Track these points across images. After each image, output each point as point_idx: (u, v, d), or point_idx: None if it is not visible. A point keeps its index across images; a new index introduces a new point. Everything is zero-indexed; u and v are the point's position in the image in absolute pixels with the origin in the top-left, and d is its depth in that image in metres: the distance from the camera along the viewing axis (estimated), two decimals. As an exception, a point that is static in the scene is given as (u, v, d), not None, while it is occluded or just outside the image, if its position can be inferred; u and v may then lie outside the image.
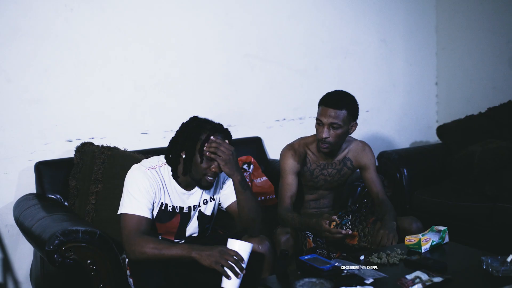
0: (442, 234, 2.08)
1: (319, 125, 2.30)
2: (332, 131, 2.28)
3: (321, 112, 2.29)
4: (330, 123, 2.26)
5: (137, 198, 1.91)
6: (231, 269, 1.73)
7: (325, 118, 2.26)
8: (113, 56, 2.78)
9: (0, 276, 2.58)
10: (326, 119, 2.26)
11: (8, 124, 2.54)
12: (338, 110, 2.25)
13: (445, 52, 3.99)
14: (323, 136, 2.28)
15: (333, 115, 2.25)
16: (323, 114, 2.27)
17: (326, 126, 2.27)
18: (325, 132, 2.27)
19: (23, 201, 2.40)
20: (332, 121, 2.25)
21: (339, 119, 2.26)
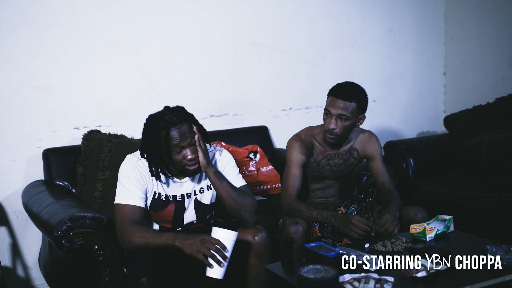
0: (447, 223, 2.08)
1: (327, 115, 2.29)
2: (339, 123, 2.26)
3: (330, 103, 2.27)
4: (339, 115, 2.25)
5: (128, 188, 1.93)
6: (213, 257, 1.75)
7: (334, 109, 2.25)
8: (120, 45, 2.79)
9: (10, 261, 2.62)
10: (334, 110, 2.25)
11: (17, 111, 2.57)
12: (348, 101, 2.24)
13: (454, 42, 3.96)
14: (330, 127, 2.27)
15: (342, 106, 2.24)
16: (332, 104, 2.26)
17: (334, 117, 2.25)
18: (333, 123, 2.26)
19: (32, 188, 2.43)
20: (340, 112, 2.24)
21: (347, 111, 2.25)
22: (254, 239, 1.97)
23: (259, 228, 2.02)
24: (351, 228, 2.11)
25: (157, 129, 1.90)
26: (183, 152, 1.93)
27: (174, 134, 1.90)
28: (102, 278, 1.94)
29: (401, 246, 1.93)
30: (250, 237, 1.97)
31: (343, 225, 2.16)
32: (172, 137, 1.89)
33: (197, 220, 2.10)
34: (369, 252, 1.87)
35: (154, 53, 2.89)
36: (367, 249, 1.93)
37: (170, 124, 1.90)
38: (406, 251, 1.90)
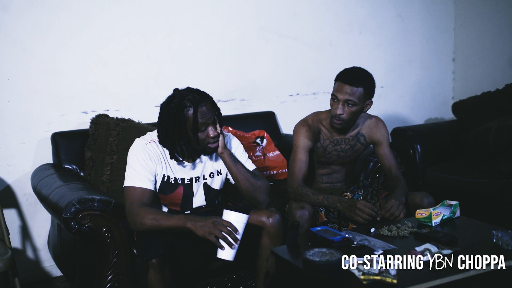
0: (453, 209, 2.09)
1: (334, 100, 2.28)
2: (346, 108, 2.26)
3: (337, 88, 2.26)
4: (346, 100, 2.24)
5: (137, 171, 1.95)
6: (224, 239, 1.77)
7: (341, 94, 2.24)
8: (128, 29, 2.79)
9: (20, 243, 2.66)
10: (341, 96, 2.24)
11: (25, 95, 2.58)
12: (355, 87, 2.23)
13: (463, 28, 3.92)
14: (337, 113, 2.26)
15: (349, 91, 2.23)
16: (339, 90, 2.25)
17: (341, 102, 2.25)
18: (340, 109, 2.25)
19: (41, 171, 2.45)
20: (347, 97, 2.23)
21: (355, 96, 2.24)
22: (268, 220, 1.99)
23: (273, 210, 2.04)
24: (357, 212, 2.12)
25: (182, 107, 1.91)
26: (207, 130, 1.95)
27: (202, 111, 1.92)
28: (110, 260, 1.97)
29: (407, 230, 1.93)
30: (264, 218, 1.99)
31: (348, 210, 2.16)
32: (201, 115, 1.91)
33: (206, 204, 2.12)
34: (374, 237, 1.88)
35: (161, 37, 2.89)
36: (372, 233, 1.94)
37: (197, 102, 1.91)
38: (412, 236, 1.91)
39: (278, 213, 2.04)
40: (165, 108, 1.96)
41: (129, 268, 1.99)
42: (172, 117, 1.92)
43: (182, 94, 1.95)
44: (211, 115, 1.95)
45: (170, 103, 1.95)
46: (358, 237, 1.81)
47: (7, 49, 2.52)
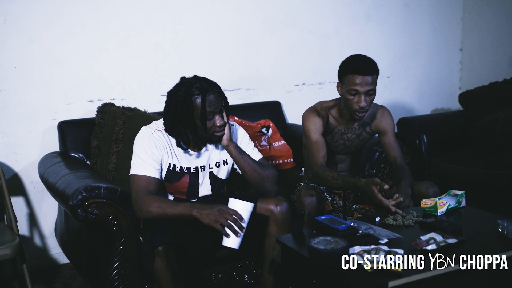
0: (459, 198, 2.08)
1: (353, 95, 2.22)
2: (368, 98, 2.23)
3: (355, 81, 2.20)
4: (367, 91, 2.22)
5: (143, 159, 1.96)
6: (230, 227, 1.78)
7: (362, 86, 2.20)
8: (134, 18, 2.79)
9: (27, 231, 2.69)
10: (363, 88, 2.20)
11: (32, 84, 2.59)
12: (371, 75, 2.21)
13: (472, 17, 3.88)
14: (362, 105, 2.22)
15: (370, 81, 2.20)
16: (359, 83, 2.20)
17: (364, 94, 2.22)
18: (363, 101, 2.21)
19: (48, 159, 2.47)
20: (369, 88, 2.21)
21: (374, 84, 2.23)
22: (276, 208, 2.00)
23: (281, 198, 2.05)
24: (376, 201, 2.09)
25: (190, 95, 1.91)
26: (214, 119, 1.95)
27: (210, 99, 1.92)
28: (116, 248, 1.99)
29: (412, 220, 1.94)
30: (272, 206, 2.00)
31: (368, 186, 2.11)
32: (209, 103, 1.91)
33: (212, 194, 2.13)
34: (379, 226, 1.88)
35: (167, 27, 2.89)
36: (377, 222, 1.94)
37: (205, 91, 1.91)
38: (417, 225, 1.91)
39: (286, 201, 2.05)
40: (172, 96, 1.96)
41: (135, 256, 2.01)
42: (179, 105, 1.92)
43: (190, 82, 1.95)
44: (219, 104, 1.95)
45: (177, 91, 1.95)
46: (363, 226, 1.82)
47: (15, 38, 2.53)
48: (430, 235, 1.72)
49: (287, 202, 2.06)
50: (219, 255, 2.15)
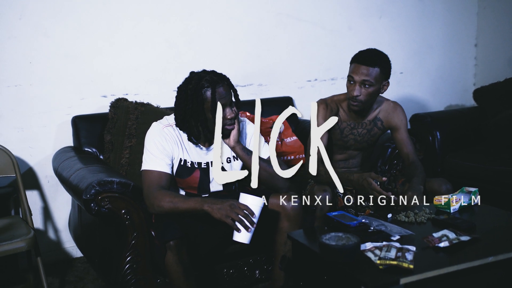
0: (472, 195, 2.07)
1: (350, 82, 2.27)
2: (363, 89, 2.24)
3: (353, 70, 2.25)
4: (362, 81, 2.22)
5: (155, 154, 1.97)
6: (241, 222, 1.78)
7: (357, 75, 2.23)
8: (147, 13, 2.80)
9: (42, 224, 2.72)
10: (358, 77, 2.23)
11: (46, 79, 2.62)
12: (371, 67, 2.22)
13: (487, 12, 3.83)
14: (354, 94, 2.25)
15: (365, 72, 2.22)
16: (355, 71, 2.24)
17: (358, 83, 2.23)
18: (357, 90, 2.24)
19: (61, 153, 2.50)
20: (364, 78, 2.22)
21: (371, 76, 2.22)
22: (288, 204, 2.00)
23: (293, 193, 2.05)
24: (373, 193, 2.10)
25: (200, 88, 1.92)
26: (225, 111, 1.95)
27: (220, 91, 1.93)
28: (128, 242, 2.00)
29: (424, 217, 1.93)
30: (284, 203, 2.00)
31: (361, 188, 2.14)
32: (219, 95, 1.92)
33: (224, 189, 2.14)
34: (392, 222, 1.87)
35: (180, 21, 2.89)
36: (389, 219, 1.94)
37: (215, 83, 1.93)
38: (429, 222, 1.90)
39: (298, 197, 2.04)
40: (182, 90, 1.98)
41: (148, 250, 2.02)
42: (190, 98, 1.93)
43: (200, 76, 1.96)
44: (229, 96, 1.96)
45: (187, 85, 1.96)
46: (375, 222, 1.81)
47: (30, 33, 2.55)
48: (443, 232, 1.71)
49: (299, 197, 2.05)
50: (230, 250, 2.15)
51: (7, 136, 2.56)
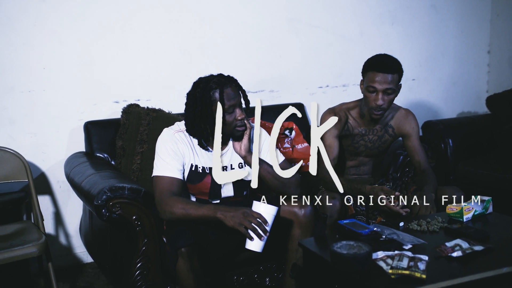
0: (485, 204, 2.04)
1: (371, 92, 2.23)
2: (386, 97, 2.22)
3: (374, 79, 2.21)
4: (385, 89, 2.20)
5: (166, 160, 1.97)
6: (254, 231, 1.77)
7: (380, 84, 2.20)
8: (159, 19, 2.82)
9: (53, 229, 2.74)
10: (381, 86, 2.20)
11: (60, 84, 2.64)
12: (392, 74, 2.20)
13: (500, 19, 3.80)
14: (379, 104, 2.22)
15: (389, 80, 2.20)
16: (378, 80, 2.20)
17: (381, 92, 2.21)
18: (381, 100, 2.21)
19: (73, 159, 2.51)
20: (387, 86, 2.20)
21: (393, 83, 2.21)
22: (300, 211, 1.99)
23: (305, 201, 2.03)
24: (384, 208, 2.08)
25: (209, 90, 1.93)
26: (234, 112, 1.96)
27: (228, 92, 1.94)
28: (139, 248, 2.01)
29: (437, 225, 1.90)
30: (296, 209, 1.99)
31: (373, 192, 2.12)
32: (228, 96, 1.93)
33: (235, 195, 2.13)
34: (403, 231, 1.85)
35: (192, 28, 2.91)
36: (401, 227, 1.92)
37: (223, 84, 1.94)
38: (442, 231, 1.88)
39: (311, 204, 2.03)
40: (191, 94, 2.00)
41: (158, 256, 2.02)
42: (198, 101, 1.94)
43: (207, 79, 1.98)
44: (238, 98, 1.96)
45: (196, 88, 1.98)
46: (387, 230, 1.79)
47: (44, 40, 2.58)
48: (456, 241, 1.69)
49: (311, 204, 2.04)
50: (241, 257, 2.14)
51: (20, 141, 2.58)
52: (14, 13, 2.51)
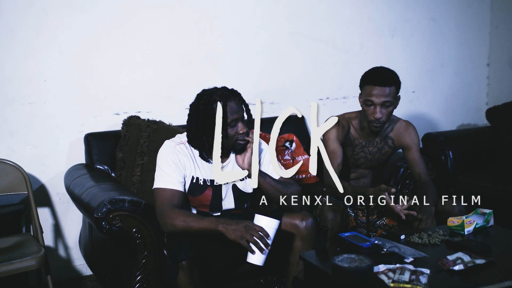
0: (487, 217, 2.04)
1: (369, 106, 2.24)
2: (384, 110, 2.23)
3: (371, 92, 2.23)
4: (383, 102, 2.21)
5: (167, 172, 1.97)
6: (256, 244, 1.76)
7: (377, 98, 2.21)
8: (160, 31, 2.83)
9: (52, 241, 2.72)
10: (378, 99, 2.21)
11: (60, 96, 2.64)
12: (388, 87, 2.21)
13: (499, 31, 3.82)
14: (378, 117, 2.23)
15: (386, 93, 2.21)
16: (374, 94, 2.22)
17: (379, 105, 2.22)
18: (379, 112, 2.22)
19: (73, 171, 2.51)
20: (384, 99, 2.21)
21: (391, 96, 2.22)
22: (302, 223, 1.98)
23: (306, 213, 2.03)
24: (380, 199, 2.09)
25: (212, 103, 1.94)
26: (237, 126, 1.96)
27: (232, 106, 1.94)
28: (139, 261, 1.99)
29: (438, 238, 1.90)
30: (298, 221, 1.98)
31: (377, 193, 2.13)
32: (231, 109, 1.93)
33: (236, 207, 2.13)
34: (405, 244, 1.85)
35: (193, 40, 2.92)
36: (402, 240, 1.91)
37: (226, 97, 1.94)
38: (443, 244, 1.87)
39: (312, 216, 2.03)
40: (194, 106, 2.00)
41: (158, 269, 2.01)
42: (201, 113, 1.95)
43: (211, 91, 1.98)
44: (241, 112, 1.97)
45: (199, 101, 1.98)
46: (388, 243, 1.79)
47: (45, 51, 2.59)
48: (457, 255, 1.68)
49: (312, 217, 2.04)
50: (242, 270, 2.13)
51: (20, 153, 2.58)
52: (15, 24, 2.52)
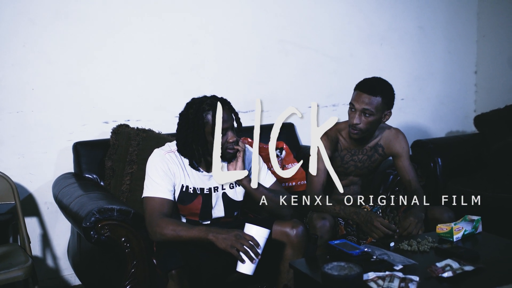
0: (475, 224, 2.05)
1: (351, 110, 2.27)
2: (363, 118, 2.24)
3: (355, 97, 2.26)
4: (363, 109, 2.22)
5: (157, 181, 1.96)
6: (246, 253, 1.76)
7: (358, 103, 2.23)
8: (150, 40, 2.83)
9: (40, 251, 2.69)
10: (358, 105, 2.23)
11: (48, 105, 2.63)
12: (373, 96, 2.22)
13: (486, 40, 3.87)
14: (354, 122, 2.25)
15: (366, 101, 2.22)
16: (356, 99, 2.24)
17: (359, 112, 2.23)
18: (357, 118, 2.24)
19: (62, 180, 2.49)
20: (364, 107, 2.22)
21: (372, 105, 2.22)
22: (292, 231, 1.98)
23: (297, 221, 2.03)
24: (372, 229, 2.10)
25: (201, 112, 1.94)
26: (226, 135, 1.96)
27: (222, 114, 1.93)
28: (128, 270, 1.98)
29: (427, 245, 1.91)
30: (288, 229, 1.98)
31: (364, 224, 2.14)
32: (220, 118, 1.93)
33: (225, 215, 2.12)
34: (394, 251, 1.85)
35: (183, 49, 2.92)
36: (392, 247, 1.92)
37: (215, 106, 1.93)
38: (432, 251, 1.88)
39: (302, 224, 2.03)
40: (184, 114, 2.00)
41: (148, 279, 2.00)
42: (191, 122, 1.95)
43: (201, 100, 1.99)
44: (231, 121, 1.97)
45: (189, 109, 1.98)
46: (378, 251, 1.79)
47: (33, 60, 2.58)
48: (446, 261, 1.69)
49: (303, 224, 2.04)
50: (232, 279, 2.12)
51: (7, 163, 2.56)
52: (3, 34, 2.51)
